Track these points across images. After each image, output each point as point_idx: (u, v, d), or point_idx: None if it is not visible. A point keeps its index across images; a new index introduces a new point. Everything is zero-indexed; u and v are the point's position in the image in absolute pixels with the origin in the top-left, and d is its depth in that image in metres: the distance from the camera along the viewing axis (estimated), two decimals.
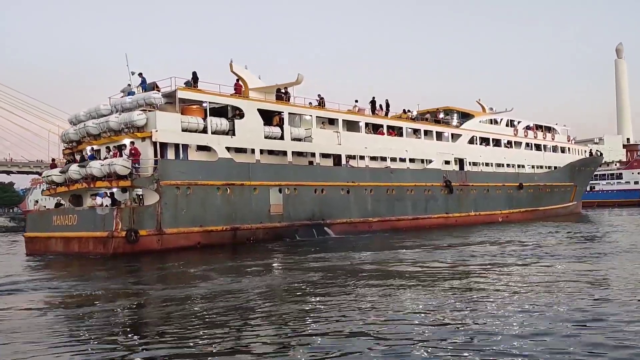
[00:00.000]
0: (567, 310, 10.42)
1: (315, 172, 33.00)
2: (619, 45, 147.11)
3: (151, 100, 26.48)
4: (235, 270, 18.55)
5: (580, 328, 9.08)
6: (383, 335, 9.03)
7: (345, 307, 11.48)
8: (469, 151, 45.33)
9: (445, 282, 14.49)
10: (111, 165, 25.12)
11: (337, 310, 11.17)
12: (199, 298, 13.19)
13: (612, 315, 9.81)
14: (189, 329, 9.94)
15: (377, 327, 9.64)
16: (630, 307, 10.47)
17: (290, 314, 11.10)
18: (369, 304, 11.82)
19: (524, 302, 11.25)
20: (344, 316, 10.61)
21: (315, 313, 11.09)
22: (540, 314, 10.18)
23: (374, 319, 10.25)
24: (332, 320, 10.29)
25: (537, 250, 21.83)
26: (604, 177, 77.86)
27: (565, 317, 9.92)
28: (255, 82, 34.02)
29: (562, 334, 8.76)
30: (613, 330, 8.85)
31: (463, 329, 9.31)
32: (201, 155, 28.30)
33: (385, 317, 10.41)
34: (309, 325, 10.05)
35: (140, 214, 25.11)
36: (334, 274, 16.59)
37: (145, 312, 12.46)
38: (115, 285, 16.29)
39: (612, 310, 10.27)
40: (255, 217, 29.36)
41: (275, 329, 9.87)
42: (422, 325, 9.64)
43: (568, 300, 11.37)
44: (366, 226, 35.21)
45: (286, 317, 10.74)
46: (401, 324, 9.85)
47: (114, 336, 9.70)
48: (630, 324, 9.12)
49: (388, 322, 10.02)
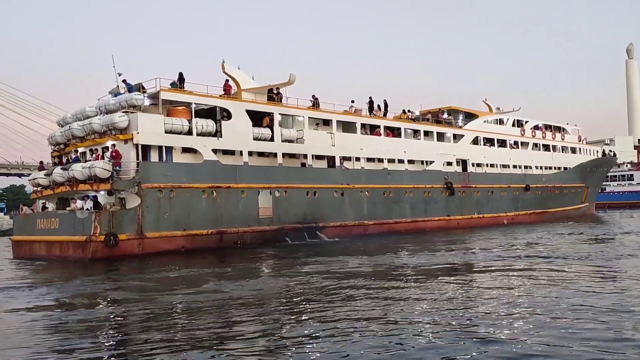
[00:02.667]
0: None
1: (307, 174, 32.28)
2: (630, 45, 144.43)
3: (133, 101, 26.02)
4: (216, 276, 17.96)
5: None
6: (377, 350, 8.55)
7: (336, 317, 10.91)
8: (472, 152, 44.22)
9: (437, 289, 13.96)
10: (91, 168, 24.70)
11: (327, 321, 10.62)
12: (170, 308, 12.51)
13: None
14: (160, 346, 9.20)
15: (372, 340, 9.09)
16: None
17: (276, 324, 10.55)
18: (361, 314, 11.20)
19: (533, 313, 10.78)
20: (336, 327, 10.04)
21: (304, 324, 10.50)
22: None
23: (368, 331, 9.69)
24: (322, 331, 9.78)
25: (530, 252, 21.37)
26: (614, 179, 75.90)
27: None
28: (248, 82, 33.44)
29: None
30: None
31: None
32: (186, 158, 27.76)
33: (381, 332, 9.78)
34: (297, 338, 9.47)
35: (120, 217, 24.61)
36: (321, 281, 16.02)
37: (100, 322, 11.54)
38: (75, 292, 15.73)
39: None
40: (242, 221, 28.72)
41: (261, 340, 9.34)
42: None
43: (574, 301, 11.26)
44: (361, 229, 34.39)
45: (272, 329, 10.18)
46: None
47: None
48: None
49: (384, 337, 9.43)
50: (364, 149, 35.83)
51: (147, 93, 27.57)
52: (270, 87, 32.97)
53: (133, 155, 25.74)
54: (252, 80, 34.00)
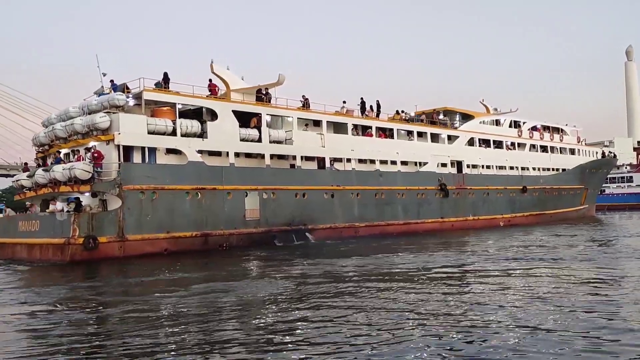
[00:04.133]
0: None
1: (295, 175, 31.79)
2: (629, 47, 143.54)
3: (115, 101, 25.61)
4: (199, 280, 17.39)
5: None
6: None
7: (324, 322, 10.56)
8: (467, 153, 43.65)
9: (428, 292, 13.60)
10: (72, 169, 24.30)
11: (315, 327, 10.24)
12: (147, 315, 11.97)
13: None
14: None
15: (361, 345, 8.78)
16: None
17: (260, 330, 10.18)
18: (349, 319, 10.83)
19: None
20: (325, 333, 9.68)
21: (290, 330, 10.15)
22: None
23: (357, 337, 9.35)
24: (310, 337, 9.44)
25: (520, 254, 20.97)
26: (614, 180, 75.19)
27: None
28: (237, 83, 33.00)
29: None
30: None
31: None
32: (171, 159, 27.32)
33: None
34: (283, 345, 9.14)
35: (100, 219, 24.18)
36: (306, 284, 15.67)
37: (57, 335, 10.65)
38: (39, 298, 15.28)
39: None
40: (228, 223, 28.26)
41: (245, 347, 8.99)
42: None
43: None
44: (352, 231, 33.88)
45: (256, 335, 9.80)
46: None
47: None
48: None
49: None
50: (355, 150, 35.32)
51: (131, 93, 27.21)
52: (259, 87, 32.50)
53: (115, 156, 25.32)
54: (242, 81, 33.57)
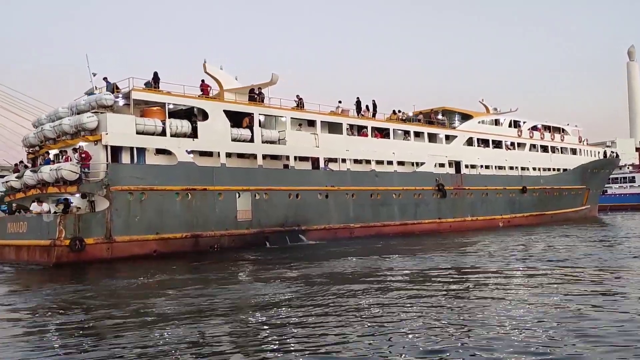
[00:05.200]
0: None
1: (288, 176, 31.41)
2: (631, 47, 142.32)
3: (103, 101, 25.30)
4: (189, 282, 17.11)
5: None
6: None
7: (316, 327, 10.29)
8: (465, 153, 43.15)
9: (426, 294, 13.34)
10: (58, 170, 24.00)
11: (307, 331, 9.98)
12: (133, 319, 11.64)
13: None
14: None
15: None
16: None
17: (250, 335, 9.90)
18: (342, 322, 10.61)
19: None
20: (316, 339, 9.41)
21: (281, 334, 9.85)
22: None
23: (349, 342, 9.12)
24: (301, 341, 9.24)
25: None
26: (616, 181, 74.59)
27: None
28: (231, 83, 32.73)
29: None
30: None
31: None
32: (160, 159, 26.97)
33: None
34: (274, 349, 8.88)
35: (87, 220, 23.86)
36: (298, 285, 15.43)
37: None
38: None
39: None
40: (219, 224, 27.89)
41: (236, 354, 8.69)
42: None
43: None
44: (347, 232, 33.47)
45: (246, 340, 9.53)
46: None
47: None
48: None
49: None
50: (350, 151, 34.91)
51: (121, 93, 26.92)
52: (252, 87, 32.16)
53: (103, 156, 25.01)
54: (236, 81, 33.28)
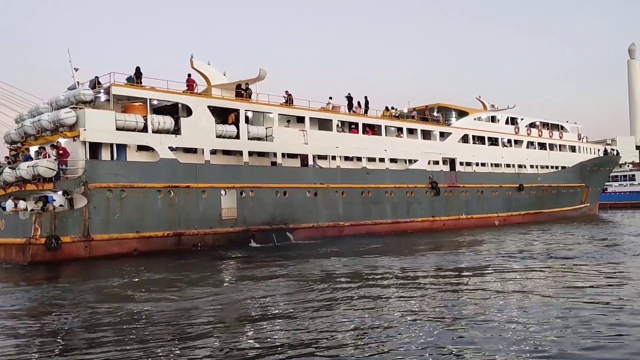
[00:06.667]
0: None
1: (275, 173, 30.80)
2: (632, 45, 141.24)
3: (81, 96, 24.77)
4: (169, 283, 16.57)
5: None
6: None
7: (299, 330, 9.93)
8: (460, 150, 42.44)
9: (417, 296, 12.98)
10: (35, 166, 23.47)
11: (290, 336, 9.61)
12: (105, 321, 11.19)
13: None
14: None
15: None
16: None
17: (233, 339, 9.57)
18: (327, 327, 10.23)
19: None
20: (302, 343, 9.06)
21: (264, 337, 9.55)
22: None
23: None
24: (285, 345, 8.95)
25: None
26: (616, 179, 73.78)
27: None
28: (219, 78, 32.17)
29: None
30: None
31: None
32: (142, 156, 26.42)
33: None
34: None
35: (63, 218, 23.32)
36: (282, 286, 15.10)
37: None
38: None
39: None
40: (203, 222, 27.32)
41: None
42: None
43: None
44: (337, 231, 32.86)
45: (229, 344, 9.19)
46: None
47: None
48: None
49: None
50: (340, 148, 34.26)
51: (102, 88, 26.38)
52: (239, 83, 31.58)
53: (82, 153, 24.47)
54: (224, 76, 32.71)
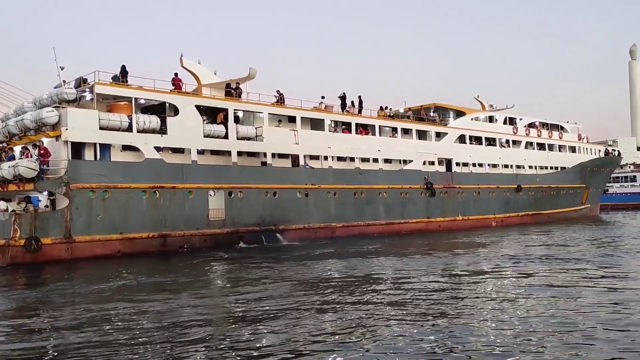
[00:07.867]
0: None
1: (265, 174, 30.29)
2: (633, 46, 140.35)
3: (64, 95, 24.35)
4: (152, 287, 16.22)
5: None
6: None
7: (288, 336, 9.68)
8: (456, 151, 41.84)
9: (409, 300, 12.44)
10: (16, 167, 23.06)
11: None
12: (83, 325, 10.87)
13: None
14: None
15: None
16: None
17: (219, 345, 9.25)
18: (317, 332, 9.99)
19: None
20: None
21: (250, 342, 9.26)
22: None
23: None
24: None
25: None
26: (617, 180, 73.15)
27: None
28: (209, 77, 31.71)
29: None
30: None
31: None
32: (127, 156, 25.96)
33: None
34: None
35: (43, 220, 22.89)
36: (267, 289, 14.78)
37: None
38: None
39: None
40: (190, 223, 26.85)
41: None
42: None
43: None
44: (328, 232, 32.35)
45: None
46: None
47: None
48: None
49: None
50: (332, 148, 33.74)
51: (87, 87, 25.96)
52: (229, 82, 31.13)
53: (64, 153, 24.04)
54: (215, 75, 32.26)
